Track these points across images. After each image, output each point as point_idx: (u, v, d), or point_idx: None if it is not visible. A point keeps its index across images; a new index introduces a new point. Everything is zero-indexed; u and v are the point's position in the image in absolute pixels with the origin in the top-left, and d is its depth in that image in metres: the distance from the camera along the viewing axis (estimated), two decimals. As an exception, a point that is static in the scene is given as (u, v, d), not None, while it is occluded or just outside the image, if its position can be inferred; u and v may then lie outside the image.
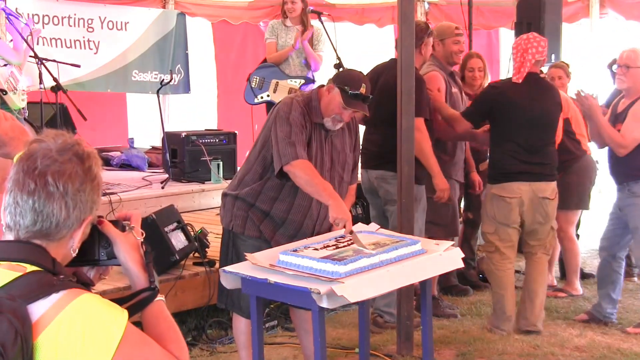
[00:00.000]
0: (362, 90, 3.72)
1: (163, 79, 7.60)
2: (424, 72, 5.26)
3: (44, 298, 1.52)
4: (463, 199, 6.00)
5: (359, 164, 4.96)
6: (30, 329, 1.49)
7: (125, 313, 1.59)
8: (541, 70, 5.25)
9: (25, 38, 5.96)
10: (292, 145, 3.62)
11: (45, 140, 1.67)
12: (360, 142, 4.15)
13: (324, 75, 6.88)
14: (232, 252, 3.88)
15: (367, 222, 4.13)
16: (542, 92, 4.95)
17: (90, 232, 1.74)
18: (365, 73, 4.14)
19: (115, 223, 1.81)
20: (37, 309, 1.51)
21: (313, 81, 6.80)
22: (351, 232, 3.52)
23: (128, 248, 1.77)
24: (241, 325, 3.90)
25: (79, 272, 1.74)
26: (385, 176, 4.99)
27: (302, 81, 6.75)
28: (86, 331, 1.52)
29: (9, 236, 1.65)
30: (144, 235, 1.83)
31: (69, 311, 1.52)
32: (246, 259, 3.31)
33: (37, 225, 1.62)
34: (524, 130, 4.85)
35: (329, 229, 3.79)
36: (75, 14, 8.09)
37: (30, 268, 1.57)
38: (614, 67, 5.24)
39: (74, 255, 1.70)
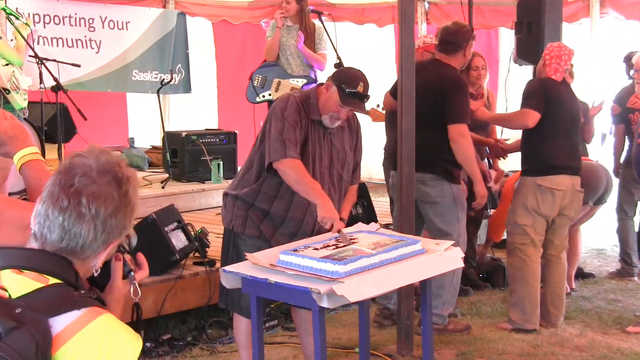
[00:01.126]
0: (360, 88, 3.71)
1: (163, 79, 7.61)
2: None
3: (66, 313, 1.52)
4: None
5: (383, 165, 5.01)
6: (50, 342, 1.48)
7: (140, 339, 1.59)
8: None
9: (25, 38, 5.97)
10: (282, 142, 3.63)
11: (87, 157, 1.65)
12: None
13: (327, 74, 6.89)
14: (232, 252, 3.88)
15: (368, 222, 4.14)
16: (572, 94, 5.17)
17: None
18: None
19: (124, 264, 1.80)
20: (58, 323, 1.51)
21: (315, 81, 6.79)
22: (339, 231, 3.53)
23: (116, 298, 1.76)
24: (242, 325, 3.90)
25: (96, 289, 1.73)
26: (423, 178, 4.87)
27: (305, 81, 6.73)
28: (104, 352, 1.52)
29: (34, 244, 1.64)
30: (139, 295, 1.83)
31: (89, 330, 1.52)
32: (246, 259, 3.32)
33: (63, 242, 1.61)
34: (568, 127, 5.03)
35: None
36: (76, 14, 8.10)
37: (52, 280, 1.57)
38: (634, 58, 5.48)
39: (95, 274, 1.70)
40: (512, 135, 6.33)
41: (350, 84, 3.70)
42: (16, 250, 1.64)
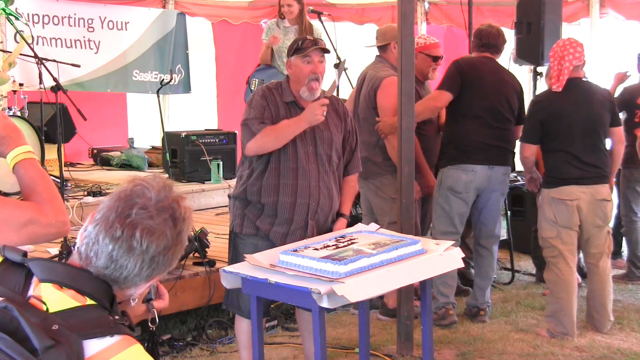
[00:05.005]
0: (307, 41, 3.81)
1: (163, 79, 7.61)
2: (384, 74, 5.21)
3: (99, 338, 1.51)
4: None
5: None
6: None
7: None
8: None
9: (25, 38, 5.97)
10: (246, 126, 3.78)
11: (149, 188, 1.63)
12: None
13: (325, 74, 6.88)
14: (232, 252, 3.91)
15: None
16: (586, 96, 4.95)
17: None
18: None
19: (149, 292, 1.80)
20: (91, 347, 1.50)
21: None
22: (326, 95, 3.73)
23: (129, 314, 1.76)
24: (242, 326, 3.90)
25: (128, 314, 1.72)
26: (508, 172, 5.19)
27: None
28: None
29: (77, 261, 1.63)
30: (157, 324, 1.87)
31: (120, 359, 1.52)
32: (243, 258, 3.32)
33: (107, 270, 1.60)
34: (573, 137, 4.88)
35: (328, 206, 3.80)
36: (75, 14, 8.10)
37: (89, 301, 1.56)
38: None
39: (133, 304, 1.71)
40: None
41: (297, 44, 3.82)
42: (63, 266, 1.63)
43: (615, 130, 5.05)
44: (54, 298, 1.54)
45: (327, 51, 3.84)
